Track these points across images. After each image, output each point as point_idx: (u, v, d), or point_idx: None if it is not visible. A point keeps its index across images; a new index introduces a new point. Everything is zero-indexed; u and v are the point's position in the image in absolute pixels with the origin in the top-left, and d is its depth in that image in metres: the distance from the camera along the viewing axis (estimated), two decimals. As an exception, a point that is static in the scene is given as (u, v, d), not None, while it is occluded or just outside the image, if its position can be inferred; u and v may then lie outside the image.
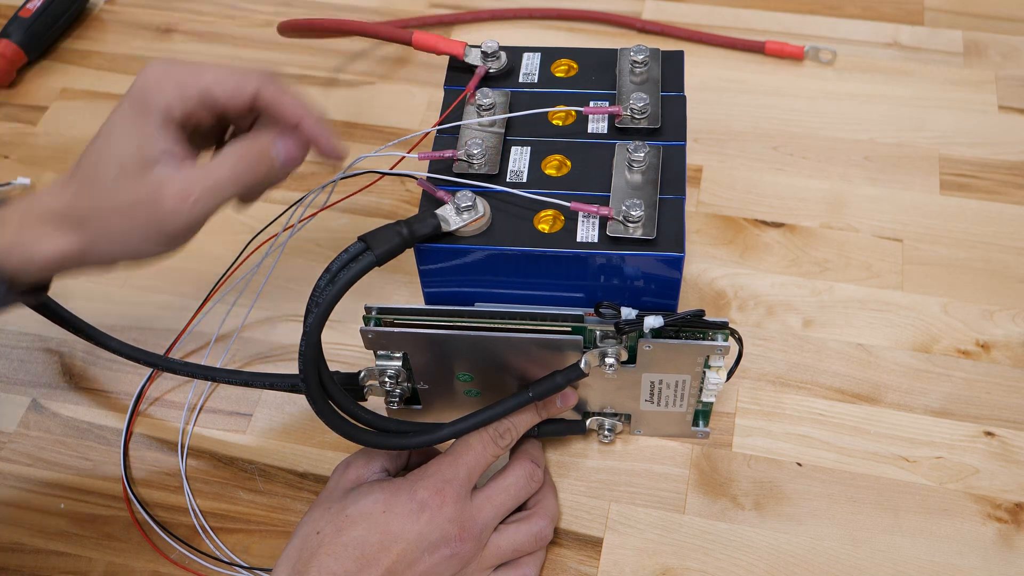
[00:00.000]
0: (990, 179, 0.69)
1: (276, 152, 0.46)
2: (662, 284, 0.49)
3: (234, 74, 0.45)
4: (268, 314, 0.64)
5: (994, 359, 0.60)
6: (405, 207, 0.70)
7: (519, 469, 0.52)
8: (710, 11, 0.81)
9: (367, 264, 0.45)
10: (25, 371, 0.63)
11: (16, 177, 0.72)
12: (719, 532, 0.54)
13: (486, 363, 0.52)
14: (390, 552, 0.47)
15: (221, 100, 0.45)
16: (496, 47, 0.55)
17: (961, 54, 0.77)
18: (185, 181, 0.44)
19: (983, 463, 0.56)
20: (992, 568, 0.52)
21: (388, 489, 0.48)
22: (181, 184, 0.44)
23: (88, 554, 0.55)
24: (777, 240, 0.66)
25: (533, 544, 0.51)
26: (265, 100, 0.46)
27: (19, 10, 0.80)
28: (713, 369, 0.51)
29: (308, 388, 0.46)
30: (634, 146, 0.50)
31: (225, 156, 0.45)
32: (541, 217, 0.49)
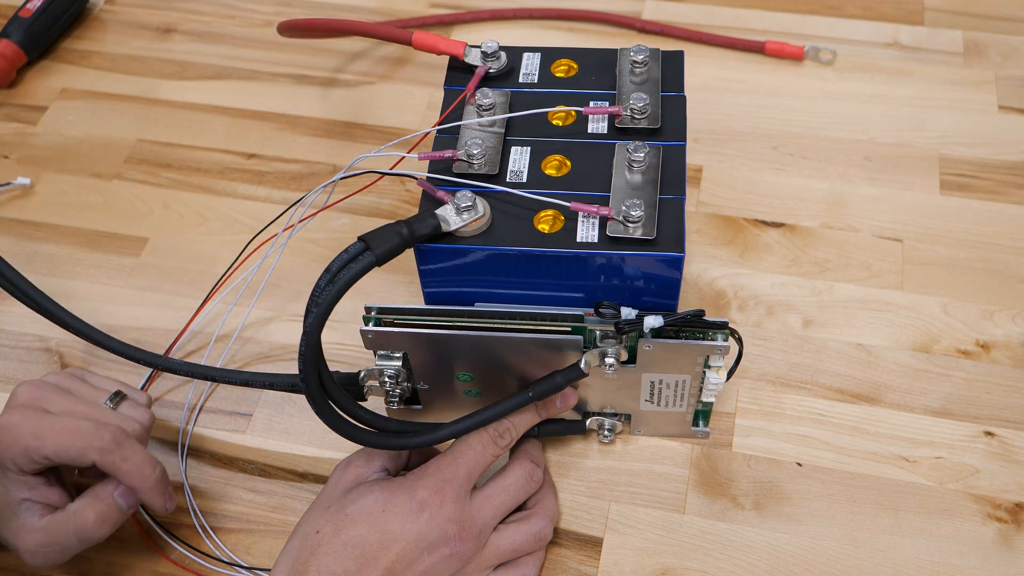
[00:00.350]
0: (990, 179, 0.69)
1: (119, 501, 0.50)
2: (662, 284, 0.49)
3: (74, 446, 0.48)
4: (268, 314, 0.64)
5: (994, 359, 0.60)
6: (405, 207, 0.70)
7: (519, 469, 0.52)
8: (710, 11, 0.81)
9: (367, 264, 0.45)
10: (25, 371, 0.63)
11: (16, 177, 0.72)
12: (719, 532, 0.54)
13: (486, 363, 0.52)
14: (389, 551, 0.47)
15: (65, 463, 0.49)
16: (496, 47, 0.55)
17: (961, 54, 0.77)
18: (40, 536, 0.49)
19: (983, 463, 0.56)
20: (992, 568, 0.52)
21: (388, 488, 0.48)
22: (38, 540, 0.49)
23: (88, 554, 0.55)
24: (777, 240, 0.66)
25: (533, 544, 0.51)
26: (104, 469, 0.49)
27: (19, 10, 0.80)
28: (713, 369, 0.51)
29: (308, 388, 0.46)
30: (634, 146, 0.50)
31: (68, 515, 0.49)
32: (541, 217, 0.49)
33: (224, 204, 0.70)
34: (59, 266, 0.68)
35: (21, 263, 0.68)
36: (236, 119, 0.76)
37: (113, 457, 0.49)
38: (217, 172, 0.73)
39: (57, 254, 0.68)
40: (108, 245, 0.69)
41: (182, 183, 0.72)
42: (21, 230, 0.70)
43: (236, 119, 0.76)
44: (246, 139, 0.75)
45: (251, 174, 0.72)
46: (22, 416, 0.49)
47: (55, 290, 0.66)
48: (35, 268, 0.67)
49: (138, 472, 0.50)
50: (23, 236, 0.69)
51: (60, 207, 0.71)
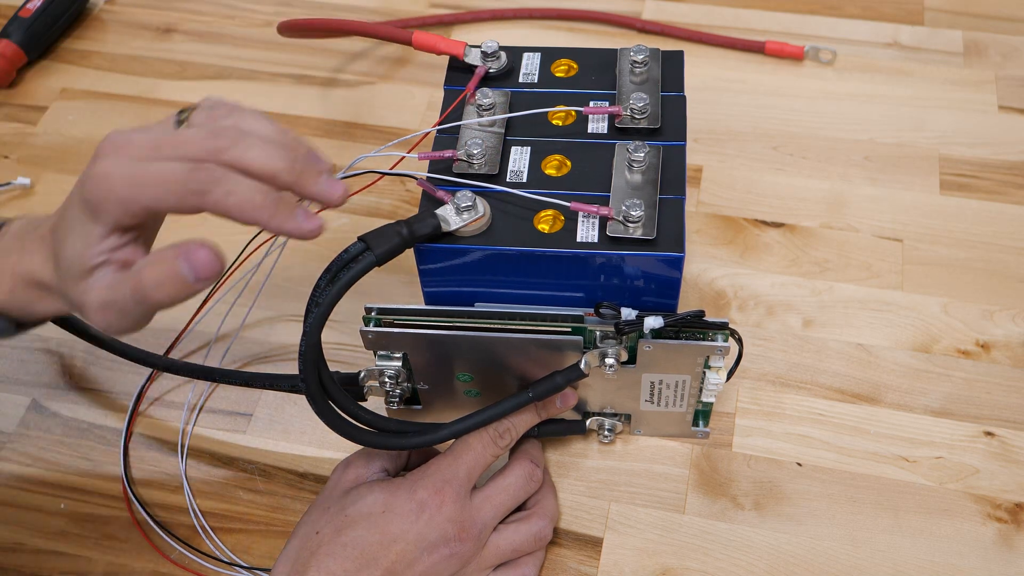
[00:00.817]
0: (990, 179, 0.69)
1: (184, 271, 0.41)
2: (662, 284, 0.49)
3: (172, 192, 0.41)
4: (268, 314, 0.64)
5: (994, 359, 0.60)
6: (405, 207, 0.70)
7: (518, 469, 0.52)
8: (710, 11, 0.81)
9: (367, 264, 0.45)
10: (25, 371, 0.63)
11: (16, 177, 0.72)
12: (719, 532, 0.54)
13: (486, 363, 0.52)
14: (389, 552, 0.47)
15: (167, 211, 0.43)
16: (496, 47, 0.55)
17: (961, 54, 0.77)
18: (101, 302, 0.43)
19: (983, 463, 0.56)
20: (992, 568, 0.52)
21: (387, 489, 0.48)
22: (101, 299, 0.43)
23: (88, 554, 0.55)
24: (777, 240, 0.66)
25: (533, 544, 0.51)
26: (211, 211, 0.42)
27: (19, 10, 0.80)
28: (713, 369, 0.51)
29: (308, 388, 0.46)
30: (634, 146, 0.50)
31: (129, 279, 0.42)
32: (541, 217, 0.49)
33: (224, 204, 0.70)
34: (59, 266, 0.68)
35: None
36: (236, 119, 0.76)
37: (215, 196, 0.41)
38: (217, 172, 0.72)
39: (57, 254, 0.68)
40: (108, 245, 0.69)
41: (182, 183, 0.72)
42: (21, 230, 0.70)
43: (236, 119, 0.76)
44: (246, 139, 0.74)
45: (251, 174, 0.72)
46: (114, 164, 0.41)
47: (55, 290, 0.66)
48: (35, 268, 0.67)
49: (248, 204, 0.41)
50: (23, 236, 0.69)
51: (60, 207, 0.71)
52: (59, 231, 0.44)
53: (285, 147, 0.42)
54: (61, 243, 0.43)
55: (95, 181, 0.42)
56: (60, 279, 0.44)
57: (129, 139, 0.42)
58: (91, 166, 0.42)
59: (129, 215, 0.42)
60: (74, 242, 0.42)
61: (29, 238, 0.46)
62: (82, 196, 0.42)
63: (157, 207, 0.42)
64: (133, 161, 0.42)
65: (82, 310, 0.43)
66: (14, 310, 0.46)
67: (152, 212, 0.42)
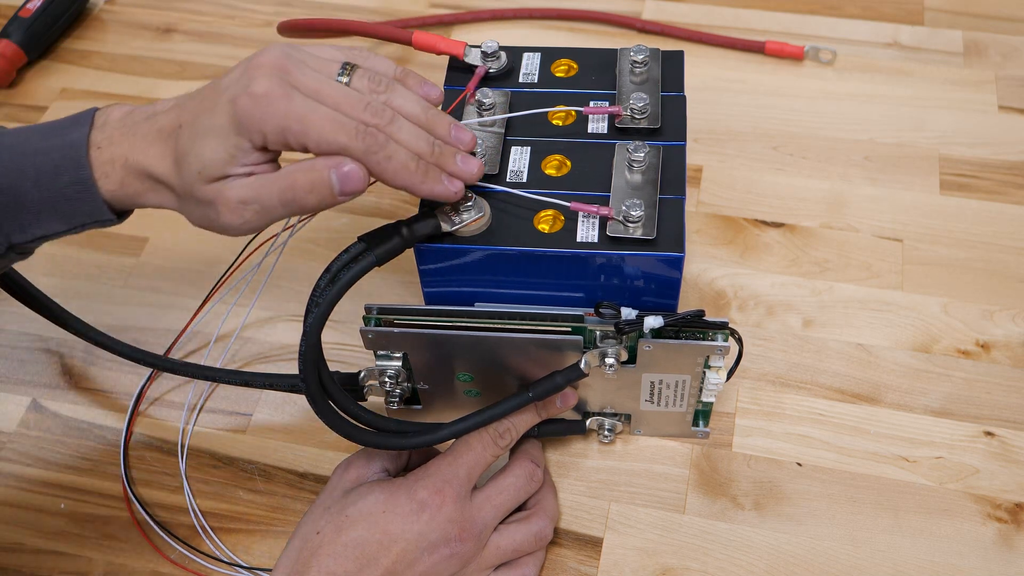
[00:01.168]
0: (990, 179, 0.69)
1: (333, 180, 0.44)
2: (662, 284, 0.49)
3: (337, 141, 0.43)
4: (268, 314, 0.64)
5: (994, 359, 0.60)
6: (405, 207, 0.70)
7: (519, 469, 0.52)
8: (710, 11, 0.81)
9: (367, 264, 0.45)
10: (25, 371, 0.63)
11: (16, 177, 0.72)
12: (719, 532, 0.54)
13: (486, 363, 0.52)
14: (390, 552, 0.47)
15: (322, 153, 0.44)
16: (496, 47, 0.55)
17: (961, 54, 0.77)
18: (240, 198, 0.44)
19: (983, 463, 0.56)
20: (992, 568, 0.52)
21: (388, 489, 0.48)
22: (237, 200, 0.44)
23: (88, 554, 0.55)
24: (777, 240, 0.66)
25: (533, 544, 0.51)
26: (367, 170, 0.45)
27: (19, 10, 0.80)
28: (713, 369, 0.51)
29: (308, 388, 0.46)
30: (634, 146, 0.50)
31: (279, 180, 0.44)
32: (541, 217, 0.49)
33: (224, 204, 0.70)
34: (59, 266, 0.68)
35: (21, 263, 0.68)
36: (236, 119, 0.76)
37: (377, 159, 0.44)
38: (217, 172, 0.72)
39: (57, 254, 0.68)
40: (108, 245, 0.69)
41: (182, 183, 0.72)
42: (21, 230, 0.70)
43: (236, 119, 0.76)
44: (246, 139, 0.74)
45: (251, 174, 0.72)
46: (280, 91, 0.43)
47: (55, 290, 0.66)
48: (35, 268, 0.67)
49: (404, 170, 0.44)
50: (23, 236, 0.69)
51: (60, 207, 0.71)
52: (191, 133, 0.44)
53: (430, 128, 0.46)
54: (193, 145, 0.44)
55: (256, 101, 0.43)
56: (183, 177, 0.45)
57: (292, 68, 0.44)
58: (252, 81, 0.43)
59: (282, 143, 0.44)
60: (214, 148, 0.44)
61: (140, 130, 0.46)
62: (235, 109, 0.43)
63: (318, 148, 0.44)
64: (301, 96, 0.44)
65: (213, 206, 0.45)
66: (122, 200, 0.47)
67: (308, 149, 0.44)
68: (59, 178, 0.45)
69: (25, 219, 0.46)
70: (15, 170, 0.45)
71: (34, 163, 0.45)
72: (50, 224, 0.46)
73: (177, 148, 0.45)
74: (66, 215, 0.46)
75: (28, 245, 0.47)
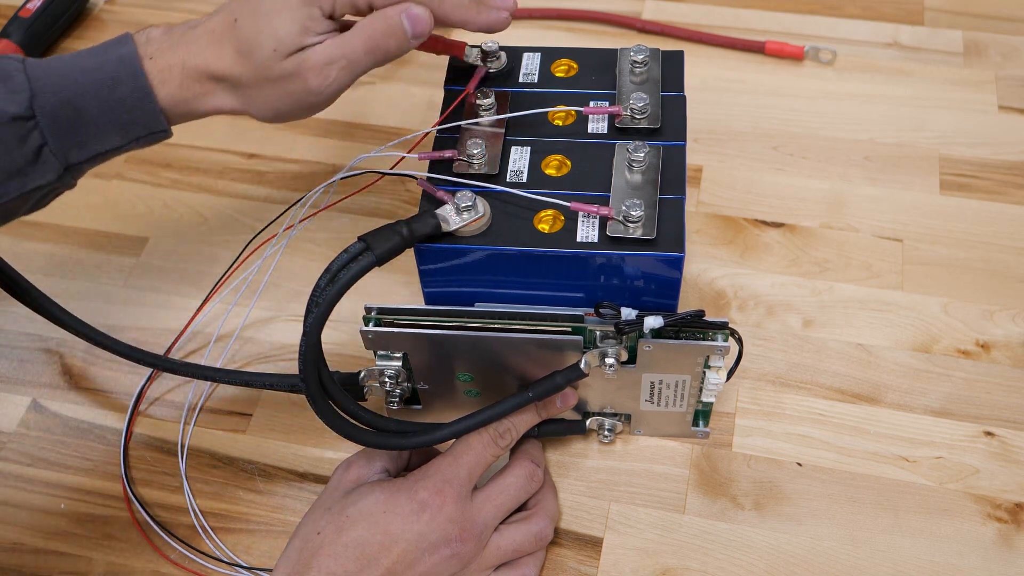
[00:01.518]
0: (990, 179, 0.69)
1: (405, 25, 0.48)
2: (662, 284, 0.49)
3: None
4: (268, 314, 0.64)
5: (994, 359, 0.60)
6: (405, 207, 0.70)
7: (519, 469, 0.52)
8: (710, 11, 0.81)
9: (367, 264, 0.45)
10: (25, 371, 0.63)
11: (16, 177, 0.72)
12: (719, 532, 0.54)
13: (486, 363, 0.52)
14: (390, 552, 0.47)
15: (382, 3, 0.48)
16: (496, 47, 0.55)
17: (961, 54, 0.77)
18: (326, 58, 0.47)
19: (983, 463, 0.56)
20: (992, 568, 0.52)
21: (389, 489, 0.48)
22: (323, 62, 0.47)
23: (88, 554, 0.55)
24: (777, 240, 0.66)
25: (533, 544, 0.51)
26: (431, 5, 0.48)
27: (19, 10, 0.80)
28: (713, 369, 0.51)
29: (308, 388, 0.46)
30: (634, 146, 0.50)
31: (358, 33, 0.48)
32: (541, 217, 0.49)
33: (224, 204, 0.70)
34: (59, 266, 0.68)
35: (21, 263, 0.68)
36: (236, 119, 0.76)
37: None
38: (217, 172, 0.73)
39: (57, 254, 0.68)
40: (108, 245, 0.69)
41: (182, 183, 0.72)
42: (21, 230, 0.70)
43: (236, 119, 0.76)
44: (246, 139, 0.75)
45: (251, 174, 0.72)
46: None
47: (55, 290, 0.66)
48: (35, 268, 0.67)
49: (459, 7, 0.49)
50: (23, 236, 0.69)
51: (60, 207, 0.71)
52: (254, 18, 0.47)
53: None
54: (263, 28, 0.47)
55: None
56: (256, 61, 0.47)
57: None
58: None
59: (351, 4, 0.47)
60: (287, 23, 0.47)
61: (189, 37, 0.49)
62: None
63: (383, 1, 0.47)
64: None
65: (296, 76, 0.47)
66: (180, 107, 0.49)
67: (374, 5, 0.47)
68: (118, 88, 0.47)
69: (85, 134, 0.48)
70: (73, 85, 0.47)
71: (93, 78, 0.47)
72: (108, 138, 0.48)
73: (239, 39, 0.48)
74: (125, 126, 0.48)
75: (82, 166, 0.49)
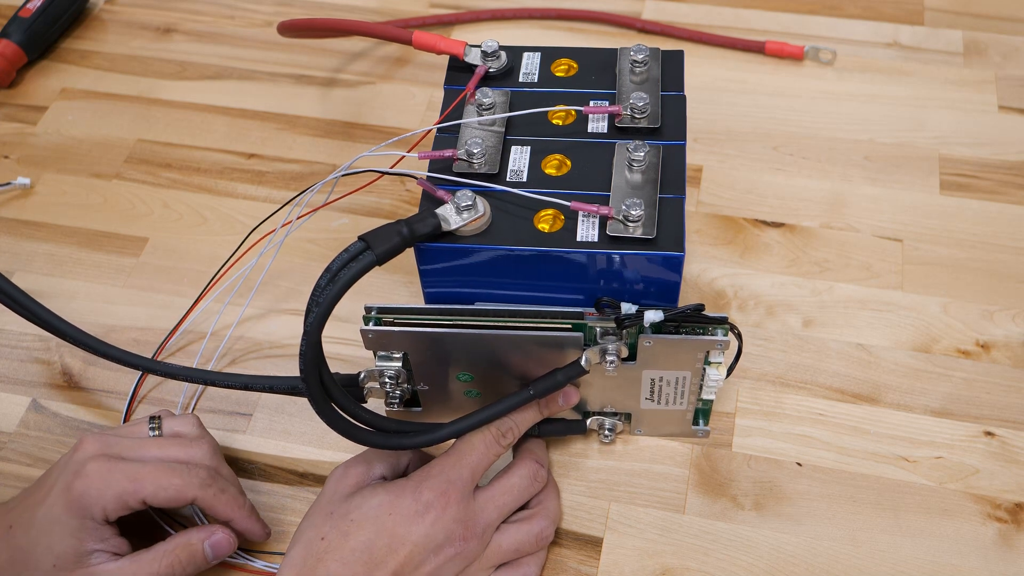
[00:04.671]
0: (990, 179, 0.69)
1: (207, 550, 0.50)
2: (662, 284, 0.49)
3: (173, 485, 0.49)
4: (267, 312, 0.64)
5: (994, 359, 0.60)
6: (405, 207, 0.70)
7: (523, 469, 0.51)
8: (710, 11, 0.81)
9: (367, 263, 0.45)
10: (25, 371, 0.63)
11: (16, 177, 0.72)
12: (719, 532, 0.54)
13: (486, 362, 0.52)
14: (397, 554, 0.47)
15: (161, 504, 0.49)
16: (496, 47, 0.55)
17: (961, 54, 0.77)
18: None
19: (983, 463, 0.56)
20: (992, 568, 0.52)
21: (392, 491, 0.48)
22: None
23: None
24: (777, 240, 0.66)
25: (534, 544, 0.51)
26: (202, 505, 0.50)
27: (19, 10, 0.80)
28: (713, 365, 0.51)
29: (309, 387, 0.46)
30: (634, 146, 0.50)
31: (159, 559, 0.49)
32: (541, 217, 0.49)
33: (224, 204, 0.70)
34: (59, 266, 0.68)
35: (21, 263, 0.68)
36: (236, 119, 0.76)
37: (212, 490, 0.50)
38: (217, 172, 0.73)
39: (57, 254, 0.68)
40: (108, 245, 0.69)
41: (182, 183, 0.72)
42: (21, 230, 0.70)
43: (236, 119, 0.76)
44: (246, 139, 0.75)
45: (251, 174, 0.72)
46: (108, 464, 0.49)
47: (55, 290, 0.66)
48: (35, 268, 0.67)
49: (235, 502, 0.51)
50: (23, 236, 0.69)
51: (60, 207, 0.71)
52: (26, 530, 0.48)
53: None
54: (37, 541, 0.48)
55: (88, 479, 0.48)
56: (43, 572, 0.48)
57: (111, 443, 0.50)
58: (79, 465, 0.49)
59: (124, 507, 0.48)
60: (61, 537, 0.48)
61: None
62: (70, 494, 0.48)
63: (155, 499, 0.48)
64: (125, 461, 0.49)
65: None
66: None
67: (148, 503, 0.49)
68: None
69: None
70: None
71: None
72: None
73: (14, 547, 0.48)
74: None
75: None
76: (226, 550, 0.51)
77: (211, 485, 0.50)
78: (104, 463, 0.49)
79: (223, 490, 0.50)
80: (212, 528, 0.51)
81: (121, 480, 0.48)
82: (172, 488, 0.49)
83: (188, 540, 0.50)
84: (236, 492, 0.52)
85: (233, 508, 0.51)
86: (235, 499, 0.51)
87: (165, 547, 0.49)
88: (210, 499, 0.50)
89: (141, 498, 0.48)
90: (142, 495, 0.48)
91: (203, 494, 0.49)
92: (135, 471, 0.49)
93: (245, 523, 0.52)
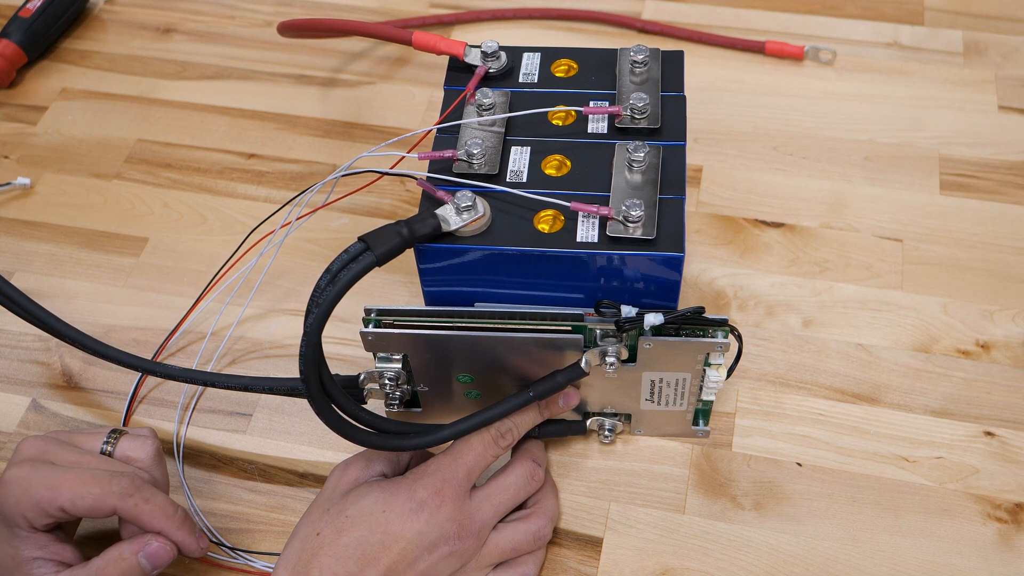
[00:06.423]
0: (990, 179, 0.69)
1: (143, 562, 0.48)
2: (662, 284, 0.49)
3: (91, 494, 0.47)
4: (265, 311, 0.64)
5: (994, 359, 0.60)
6: (405, 207, 0.70)
7: (520, 468, 0.52)
8: (710, 11, 0.81)
9: (367, 264, 0.45)
10: (25, 371, 0.63)
11: (16, 177, 0.72)
12: (719, 532, 0.54)
13: (486, 364, 0.52)
14: (390, 551, 0.47)
15: (80, 514, 0.47)
16: (496, 47, 0.55)
17: (961, 54, 0.77)
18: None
19: (983, 463, 0.56)
20: (992, 568, 0.52)
21: (388, 489, 0.48)
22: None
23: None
24: (777, 240, 0.66)
25: (532, 543, 0.51)
26: (124, 515, 0.48)
27: (19, 10, 0.80)
28: (713, 367, 0.51)
29: (309, 388, 0.46)
30: (634, 146, 0.50)
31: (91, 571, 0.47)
32: (541, 217, 0.49)
33: (224, 204, 0.71)
34: (59, 266, 0.68)
35: (21, 263, 0.68)
36: (236, 119, 0.76)
37: (134, 500, 0.47)
38: (217, 172, 0.73)
39: (57, 254, 0.68)
40: (108, 245, 0.69)
41: (182, 183, 0.72)
42: (21, 230, 0.70)
43: (236, 119, 0.76)
44: (246, 139, 0.75)
45: (251, 174, 0.72)
46: (31, 469, 0.47)
47: (55, 290, 0.66)
48: (35, 268, 0.67)
49: (162, 513, 0.48)
50: (23, 236, 0.69)
51: (60, 207, 0.71)
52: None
53: None
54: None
55: (8, 487, 0.47)
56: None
57: (52, 449, 0.49)
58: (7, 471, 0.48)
59: (44, 515, 0.47)
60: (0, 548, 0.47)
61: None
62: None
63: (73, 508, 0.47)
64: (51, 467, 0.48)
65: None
66: None
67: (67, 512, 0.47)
68: None
69: None
70: None
71: None
72: None
73: None
74: None
75: None
76: (165, 559, 0.48)
77: (133, 495, 0.47)
78: (26, 470, 0.47)
79: (147, 500, 0.48)
80: (144, 539, 0.48)
81: (39, 488, 0.46)
82: (90, 497, 0.47)
83: (120, 554, 0.47)
84: (164, 502, 0.48)
85: (160, 519, 0.48)
86: (162, 509, 0.48)
87: (98, 563, 0.47)
88: (131, 510, 0.47)
89: (59, 506, 0.46)
90: (59, 503, 0.46)
91: (123, 504, 0.47)
92: (54, 479, 0.47)
93: (176, 535, 0.48)
